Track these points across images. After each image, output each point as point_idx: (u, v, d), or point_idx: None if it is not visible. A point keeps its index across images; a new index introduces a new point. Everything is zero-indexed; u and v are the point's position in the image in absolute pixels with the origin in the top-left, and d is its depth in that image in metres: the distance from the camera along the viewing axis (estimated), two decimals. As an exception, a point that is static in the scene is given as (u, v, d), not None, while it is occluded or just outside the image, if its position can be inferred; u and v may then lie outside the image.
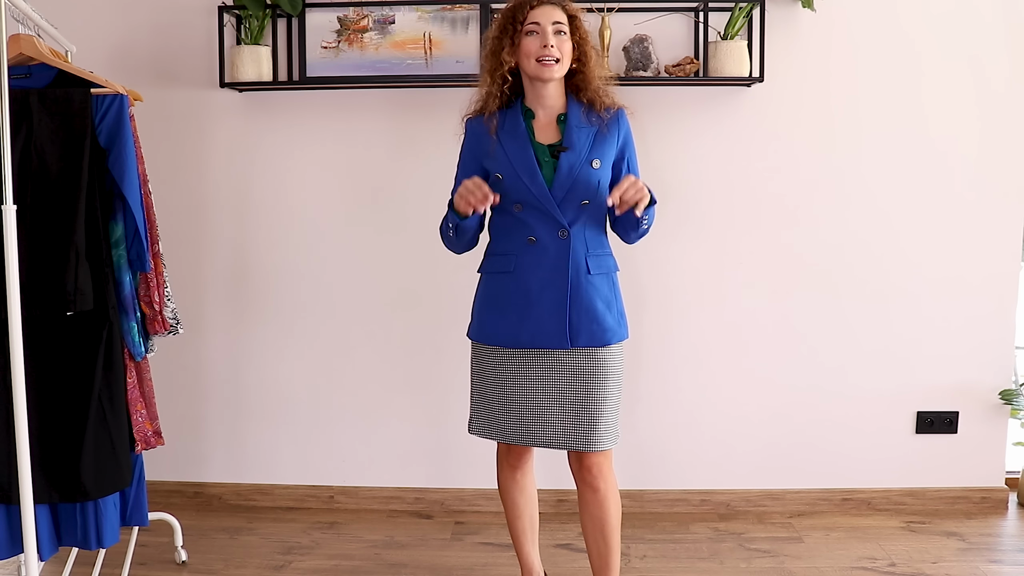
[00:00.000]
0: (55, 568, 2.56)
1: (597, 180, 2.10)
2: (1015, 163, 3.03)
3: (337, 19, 2.93)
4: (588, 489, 2.17)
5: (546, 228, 2.10)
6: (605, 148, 2.12)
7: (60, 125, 2.13)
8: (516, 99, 2.18)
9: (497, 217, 2.20)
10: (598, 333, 2.11)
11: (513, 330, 2.12)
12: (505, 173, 2.10)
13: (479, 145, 2.16)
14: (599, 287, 2.13)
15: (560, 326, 2.09)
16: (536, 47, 2.06)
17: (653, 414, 3.09)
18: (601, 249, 2.17)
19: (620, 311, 2.19)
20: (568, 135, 2.11)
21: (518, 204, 2.10)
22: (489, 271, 2.20)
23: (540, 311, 2.10)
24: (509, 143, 2.11)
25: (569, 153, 2.09)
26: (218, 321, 3.13)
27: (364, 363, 3.14)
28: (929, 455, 3.13)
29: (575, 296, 2.10)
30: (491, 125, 2.13)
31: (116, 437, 2.21)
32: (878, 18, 2.97)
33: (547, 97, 2.13)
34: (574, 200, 2.09)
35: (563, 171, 2.08)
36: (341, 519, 3.08)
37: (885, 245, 3.05)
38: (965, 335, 3.08)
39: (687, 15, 2.96)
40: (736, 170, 3.02)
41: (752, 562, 2.72)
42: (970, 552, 2.79)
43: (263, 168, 3.07)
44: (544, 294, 2.09)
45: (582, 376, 2.12)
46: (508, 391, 2.15)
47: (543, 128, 2.15)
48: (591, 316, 2.10)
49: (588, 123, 2.12)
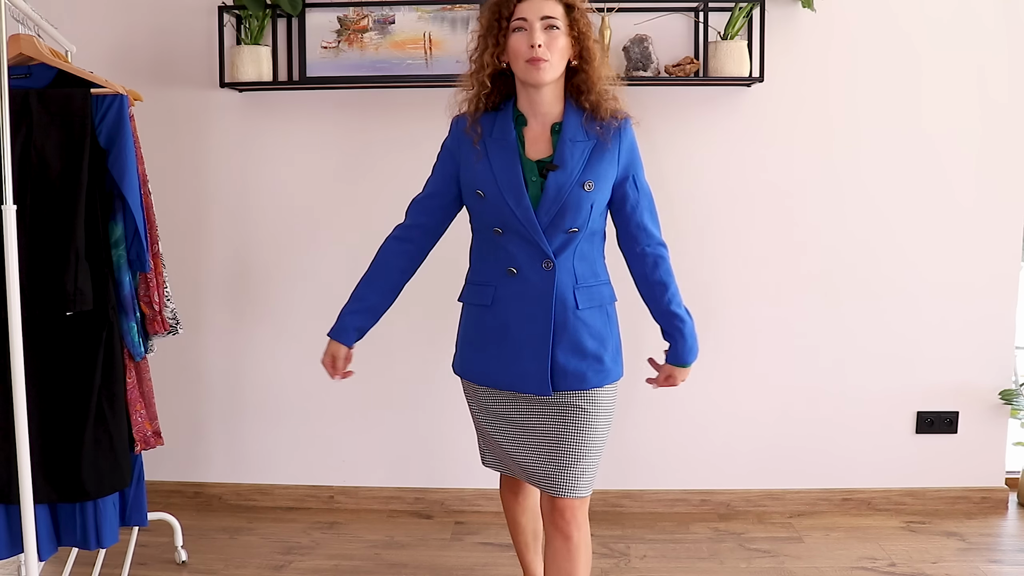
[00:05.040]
0: (55, 568, 2.56)
1: (589, 205, 1.84)
2: (1015, 163, 3.03)
3: (337, 19, 2.93)
4: (559, 535, 1.93)
5: (529, 257, 1.85)
6: (602, 167, 1.85)
7: (60, 125, 2.12)
8: (509, 101, 1.91)
9: (477, 240, 1.98)
10: (588, 374, 1.88)
11: (490, 369, 1.92)
12: (488, 191, 1.84)
13: (461, 153, 1.92)
14: (589, 322, 1.88)
15: (540, 369, 1.86)
16: (523, 46, 1.80)
17: (653, 414, 3.09)
18: (593, 279, 1.92)
19: (616, 347, 1.95)
20: (560, 150, 1.83)
21: (498, 228, 1.86)
22: (468, 302, 1.99)
23: (519, 351, 1.87)
24: (496, 155, 1.85)
25: (559, 172, 1.82)
26: (218, 321, 3.13)
27: (364, 363, 3.12)
28: (929, 455, 3.13)
29: (560, 334, 1.86)
30: (474, 134, 1.88)
31: (116, 437, 2.21)
32: (878, 18, 2.97)
33: (541, 103, 1.86)
34: (561, 227, 1.83)
35: (550, 193, 1.82)
36: (341, 519, 3.08)
37: (885, 245, 3.05)
38: (965, 335, 3.08)
39: (687, 15, 2.96)
40: (736, 170, 3.02)
41: (752, 562, 2.72)
42: (970, 552, 2.79)
43: (263, 168, 3.07)
44: (524, 332, 1.86)
45: (566, 419, 1.89)
46: (491, 427, 1.99)
47: (535, 139, 1.87)
48: (578, 356, 1.87)
49: (585, 136, 1.85)
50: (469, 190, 1.89)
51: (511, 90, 1.91)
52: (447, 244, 2.22)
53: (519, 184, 1.82)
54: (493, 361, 1.91)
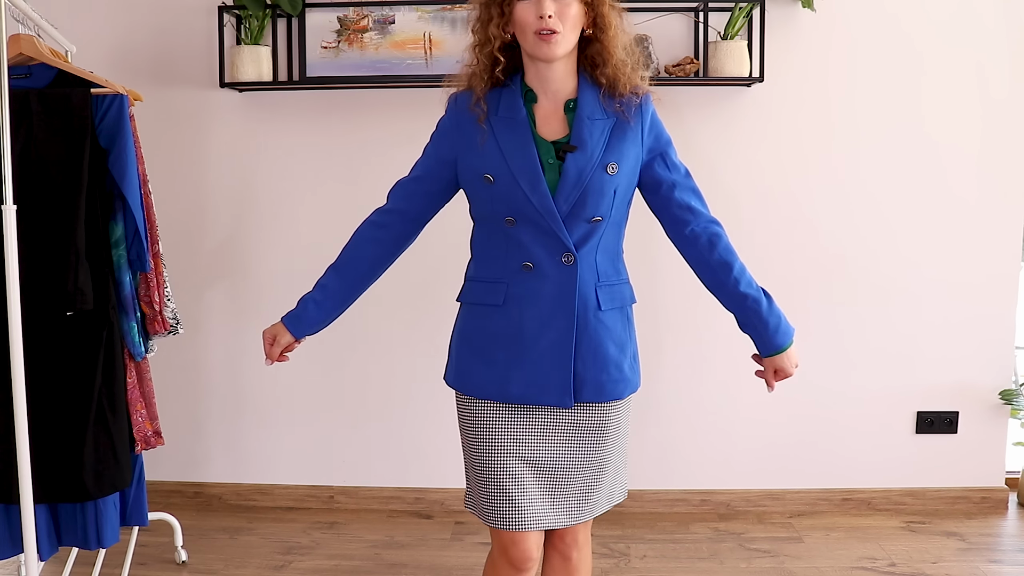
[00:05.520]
0: (55, 568, 2.56)
1: (613, 190, 1.65)
2: (1015, 163, 3.03)
3: (337, 19, 2.93)
4: (557, 556, 1.80)
5: (546, 251, 1.65)
6: (625, 147, 1.66)
7: (60, 125, 2.12)
8: (515, 75, 1.70)
9: (482, 232, 1.75)
10: (608, 385, 1.69)
11: (500, 380, 1.68)
12: (498, 175, 1.64)
13: (461, 134, 1.69)
14: (611, 326, 1.69)
15: (562, 378, 1.66)
16: (531, 17, 1.59)
17: (653, 414, 3.08)
18: (616, 277, 1.72)
19: (634, 354, 1.77)
20: (578, 129, 1.64)
21: (510, 218, 1.65)
22: (471, 301, 1.75)
23: (537, 358, 1.66)
24: (505, 135, 1.65)
25: (578, 154, 1.63)
26: (218, 321, 3.13)
27: (364, 363, 3.14)
28: (929, 455, 3.13)
29: (582, 339, 1.67)
30: (479, 112, 1.67)
31: (116, 437, 2.21)
32: (878, 18, 2.97)
33: (552, 80, 1.66)
34: (582, 215, 1.64)
35: (570, 177, 1.62)
36: (341, 519, 3.07)
37: (885, 245, 3.05)
38: (965, 335, 3.08)
39: (687, 15, 2.96)
40: (736, 170, 3.02)
41: (752, 562, 2.72)
42: (970, 552, 2.79)
43: (263, 168, 3.07)
44: (542, 336, 1.66)
45: (585, 436, 1.72)
46: (491, 452, 1.73)
47: (547, 118, 1.68)
48: (601, 364, 1.68)
49: (604, 113, 1.66)
50: (474, 176, 1.68)
51: (517, 63, 1.70)
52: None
53: (535, 167, 1.62)
54: (503, 370, 1.68)
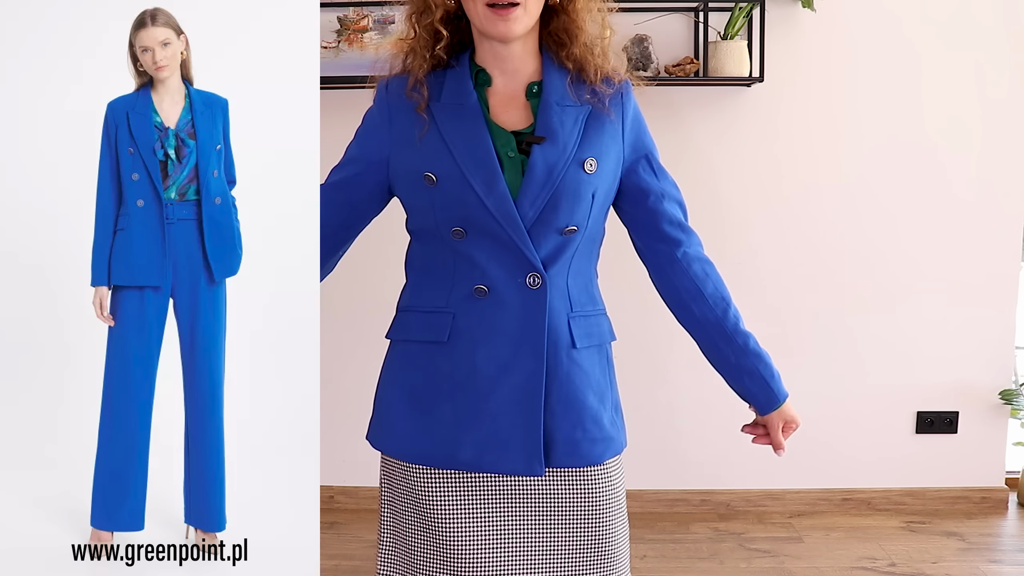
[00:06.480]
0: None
1: (591, 193, 1.28)
2: (1015, 163, 3.03)
3: (337, 19, 2.93)
4: None
5: (505, 271, 1.26)
6: (605, 140, 1.30)
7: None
8: (461, 54, 1.33)
9: (420, 248, 1.38)
10: (584, 444, 1.29)
11: (447, 440, 1.28)
12: (442, 173, 1.26)
13: (394, 127, 1.33)
14: (589, 369, 1.31)
15: (529, 436, 1.26)
16: None
17: (653, 414, 3.09)
18: (591, 306, 1.34)
19: (616, 405, 1.38)
20: (545, 117, 1.27)
21: (459, 228, 1.27)
22: (406, 338, 1.36)
23: (495, 410, 1.27)
24: (451, 125, 1.28)
25: (546, 146, 1.26)
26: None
27: (363, 363, 3.12)
28: (929, 455, 3.13)
29: (552, 385, 1.28)
30: (419, 97, 1.30)
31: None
32: (878, 18, 2.97)
33: (509, 59, 1.31)
34: (552, 224, 1.26)
35: (536, 174, 1.25)
36: (341, 519, 3.07)
37: (885, 245, 3.05)
38: (965, 335, 3.08)
39: (687, 15, 2.96)
40: (736, 170, 3.02)
41: (752, 562, 2.72)
42: (970, 552, 2.79)
43: (263, 168, 3.07)
44: (502, 381, 1.27)
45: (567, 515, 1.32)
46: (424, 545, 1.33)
47: (504, 104, 1.31)
48: (575, 418, 1.29)
49: (576, 99, 1.30)
50: (412, 177, 1.30)
51: (464, 37, 1.34)
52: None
53: (491, 162, 1.25)
54: (448, 427, 1.28)
